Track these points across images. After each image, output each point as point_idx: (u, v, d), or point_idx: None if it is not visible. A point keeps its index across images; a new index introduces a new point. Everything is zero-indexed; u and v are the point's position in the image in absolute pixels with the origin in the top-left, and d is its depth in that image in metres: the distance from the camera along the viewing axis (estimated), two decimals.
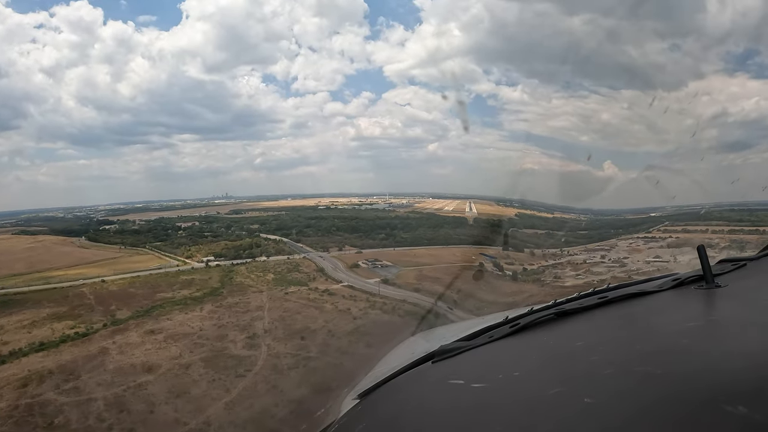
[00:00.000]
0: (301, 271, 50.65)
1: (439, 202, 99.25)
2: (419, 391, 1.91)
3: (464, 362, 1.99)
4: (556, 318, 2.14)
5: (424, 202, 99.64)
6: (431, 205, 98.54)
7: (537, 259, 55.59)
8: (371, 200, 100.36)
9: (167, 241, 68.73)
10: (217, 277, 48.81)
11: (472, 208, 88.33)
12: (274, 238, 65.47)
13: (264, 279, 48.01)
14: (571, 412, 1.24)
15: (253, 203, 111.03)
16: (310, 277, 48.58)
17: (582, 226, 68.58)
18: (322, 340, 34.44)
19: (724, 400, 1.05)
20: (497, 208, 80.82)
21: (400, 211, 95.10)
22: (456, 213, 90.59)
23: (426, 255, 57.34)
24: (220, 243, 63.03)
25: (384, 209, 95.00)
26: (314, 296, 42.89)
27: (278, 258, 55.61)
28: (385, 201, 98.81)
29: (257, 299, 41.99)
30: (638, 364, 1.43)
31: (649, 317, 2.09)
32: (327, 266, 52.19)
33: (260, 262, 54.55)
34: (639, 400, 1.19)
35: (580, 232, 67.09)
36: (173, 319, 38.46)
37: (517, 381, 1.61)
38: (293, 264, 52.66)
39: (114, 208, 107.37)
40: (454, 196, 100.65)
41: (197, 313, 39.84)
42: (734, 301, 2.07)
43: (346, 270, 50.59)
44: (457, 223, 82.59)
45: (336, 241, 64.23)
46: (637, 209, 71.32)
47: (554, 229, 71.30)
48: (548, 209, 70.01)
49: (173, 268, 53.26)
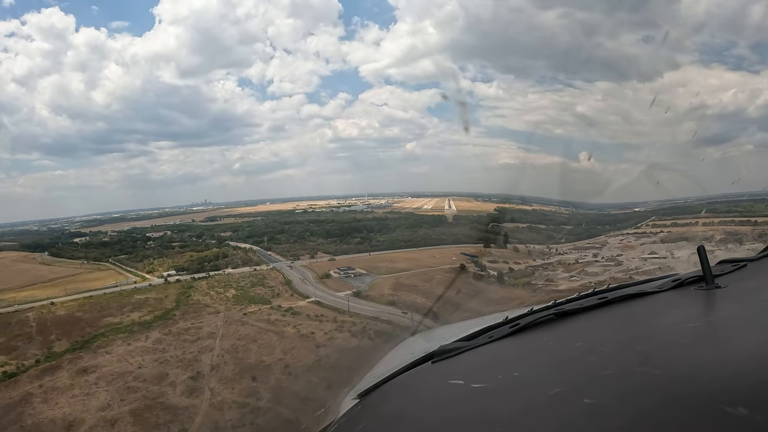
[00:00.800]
0: (266, 284, 45.53)
1: (418, 201, 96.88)
2: (419, 391, 1.85)
3: (464, 362, 1.94)
4: (556, 318, 2.08)
5: (402, 202, 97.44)
6: (410, 204, 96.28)
7: (523, 257, 52.07)
8: (350, 202, 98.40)
9: (133, 254, 63.97)
10: (174, 296, 43.81)
11: (451, 206, 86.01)
12: (244, 246, 61.82)
13: (224, 296, 42.92)
14: (571, 412, 1.22)
15: (230, 209, 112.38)
16: (274, 293, 43.57)
17: (565, 221, 68.92)
18: (276, 381, 29.21)
19: (725, 401, 1.05)
20: (476, 203, 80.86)
21: (379, 211, 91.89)
22: (435, 211, 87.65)
23: (404, 259, 52.70)
24: (186, 254, 57.22)
25: (362, 210, 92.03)
26: (276, 317, 37.83)
27: (244, 270, 50.61)
28: (363, 202, 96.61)
29: (211, 323, 36.81)
30: (638, 365, 1.40)
31: (649, 318, 2.04)
32: (295, 278, 47.17)
33: (224, 276, 49.52)
34: (639, 401, 1.17)
35: (565, 226, 66.99)
36: (113, 352, 33.50)
37: (516, 381, 1.58)
38: (259, 277, 47.46)
39: (90, 219, 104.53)
40: (432, 194, 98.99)
41: (141, 343, 34.87)
42: (734, 301, 2.01)
43: (315, 281, 45.44)
44: (436, 221, 79.14)
45: (309, 248, 59.26)
46: (618, 204, 70.79)
47: (535, 223, 68.75)
48: (526, 202, 67.87)
49: (130, 285, 48.52)
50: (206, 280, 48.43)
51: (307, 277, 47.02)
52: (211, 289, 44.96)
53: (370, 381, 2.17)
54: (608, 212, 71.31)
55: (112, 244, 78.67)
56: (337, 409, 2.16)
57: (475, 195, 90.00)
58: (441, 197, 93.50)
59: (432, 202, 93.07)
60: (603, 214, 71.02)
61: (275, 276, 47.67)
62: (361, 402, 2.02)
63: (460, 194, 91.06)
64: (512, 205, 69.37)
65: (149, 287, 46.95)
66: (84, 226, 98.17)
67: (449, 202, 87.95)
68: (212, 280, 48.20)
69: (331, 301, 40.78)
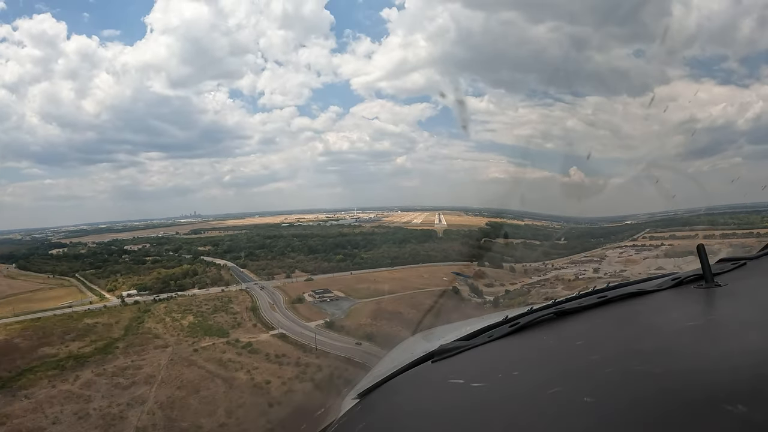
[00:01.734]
0: (231, 310, 39.86)
1: (408, 215, 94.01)
2: (419, 390, 1.83)
3: (464, 362, 1.91)
4: (556, 317, 2.04)
5: (392, 216, 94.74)
6: (399, 218, 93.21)
7: (519, 275, 49.02)
8: (338, 215, 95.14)
9: (103, 269, 58.04)
10: (125, 321, 38.46)
11: (441, 220, 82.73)
12: (220, 263, 56.23)
13: (179, 324, 37.34)
14: (571, 411, 1.20)
15: (218, 222, 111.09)
16: (236, 321, 38.00)
17: (558, 236, 65.67)
18: None
19: (724, 399, 1.03)
20: (467, 218, 77.20)
21: (366, 226, 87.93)
22: (425, 225, 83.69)
23: (388, 279, 47.25)
24: (154, 271, 51.13)
25: (350, 224, 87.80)
26: (230, 356, 31.99)
27: (212, 291, 44.72)
28: (352, 216, 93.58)
29: (154, 361, 31.00)
30: (638, 364, 1.38)
31: (649, 316, 2.00)
32: (265, 302, 41.62)
33: (188, 297, 43.89)
34: (639, 400, 1.15)
35: (558, 242, 63.70)
36: (33, 397, 27.76)
37: (516, 380, 1.55)
38: (225, 300, 41.83)
39: (77, 230, 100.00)
40: (423, 209, 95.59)
41: (68, 385, 29.03)
42: (734, 300, 1.99)
43: (286, 306, 39.70)
44: (425, 236, 74.85)
45: (287, 265, 53.53)
46: (608, 217, 68.89)
47: (529, 238, 65.22)
48: (517, 216, 63.82)
49: (84, 306, 42.71)
50: (167, 302, 43.15)
51: (278, 300, 41.30)
52: (168, 314, 39.36)
53: (370, 381, 2.13)
54: (600, 225, 69.60)
55: (87, 256, 75.73)
56: (337, 408, 2.11)
57: (466, 209, 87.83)
58: (431, 211, 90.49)
59: (422, 217, 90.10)
60: (595, 227, 69.33)
61: (243, 299, 41.93)
62: (362, 402, 1.98)
63: (450, 208, 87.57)
64: (504, 220, 64.20)
65: (103, 309, 41.44)
66: (69, 237, 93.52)
67: (439, 216, 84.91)
68: (173, 302, 42.68)
69: (298, 333, 35.10)
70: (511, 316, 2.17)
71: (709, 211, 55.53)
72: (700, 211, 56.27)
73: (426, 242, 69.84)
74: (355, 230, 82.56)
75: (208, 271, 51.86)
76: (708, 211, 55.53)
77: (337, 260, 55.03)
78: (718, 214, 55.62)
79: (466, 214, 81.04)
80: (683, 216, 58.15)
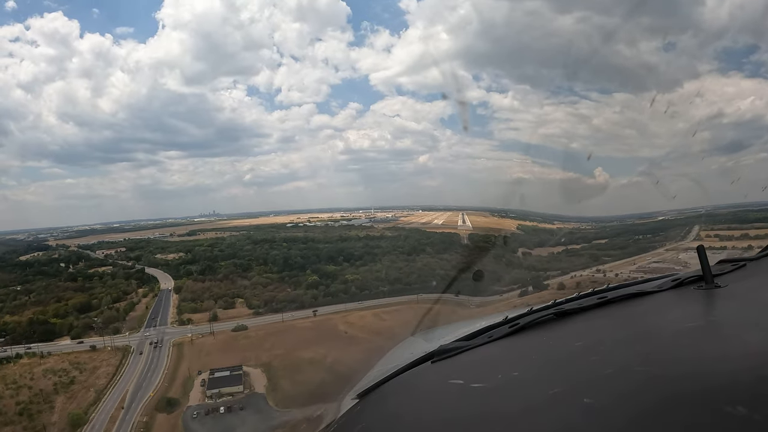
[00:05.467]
0: (54, 403, 19.89)
1: (429, 215, 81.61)
2: (418, 390, 1.75)
3: (464, 362, 1.84)
4: (556, 318, 1.98)
5: (412, 215, 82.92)
6: (419, 218, 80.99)
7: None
8: (353, 215, 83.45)
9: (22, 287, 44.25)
10: None
11: (465, 221, 69.36)
12: (158, 284, 37.21)
13: None
14: (571, 412, 1.16)
15: (224, 222, 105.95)
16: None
17: (594, 236, 59.43)
18: None
19: (724, 400, 1.00)
20: (493, 219, 63.56)
21: (379, 227, 73.66)
22: (447, 227, 69.22)
23: (369, 329, 27.44)
24: (50, 304, 33.15)
25: (361, 225, 75.36)
26: None
27: (82, 345, 25.90)
28: (368, 215, 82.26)
29: None
30: (638, 365, 1.34)
31: (649, 317, 1.93)
32: (131, 384, 21.82)
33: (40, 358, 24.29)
34: (638, 401, 1.11)
35: (598, 241, 58.14)
36: None
37: (516, 381, 1.49)
38: (64, 380, 22.17)
39: (86, 230, 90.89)
40: (446, 208, 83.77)
41: None
42: (734, 301, 1.92)
43: (146, 407, 19.35)
44: (446, 242, 56.34)
45: (230, 294, 33.21)
46: (636, 214, 64.87)
47: (568, 244, 56.86)
48: (546, 219, 56.70)
49: None
50: (9, 363, 23.73)
51: (142, 391, 21.22)
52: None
53: (369, 381, 2.05)
54: (632, 222, 64.76)
55: (42, 264, 63.06)
56: (337, 409, 2.04)
57: (491, 210, 68.90)
58: (454, 211, 77.85)
59: (444, 217, 77.91)
60: (627, 224, 64.56)
61: (104, 371, 22.46)
62: (361, 402, 1.91)
63: (474, 209, 73.19)
64: (534, 223, 58.01)
65: None
66: (71, 237, 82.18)
67: (463, 216, 71.65)
68: (13, 366, 23.25)
69: None
70: (510, 316, 2.07)
71: (746, 207, 51.65)
72: (731, 208, 53.10)
73: (445, 252, 50.22)
74: (360, 234, 67.30)
75: (117, 304, 32.76)
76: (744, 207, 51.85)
77: (305, 285, 35.12)
78: (758, 210, 50.02)
79: (491, 214, 67.11)
80: (713, 212, 53.67)
